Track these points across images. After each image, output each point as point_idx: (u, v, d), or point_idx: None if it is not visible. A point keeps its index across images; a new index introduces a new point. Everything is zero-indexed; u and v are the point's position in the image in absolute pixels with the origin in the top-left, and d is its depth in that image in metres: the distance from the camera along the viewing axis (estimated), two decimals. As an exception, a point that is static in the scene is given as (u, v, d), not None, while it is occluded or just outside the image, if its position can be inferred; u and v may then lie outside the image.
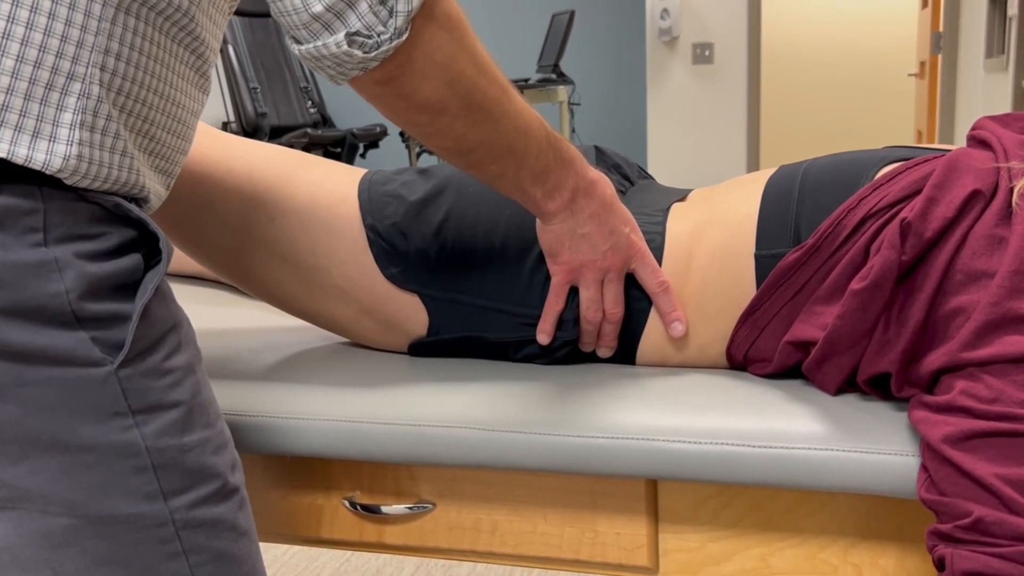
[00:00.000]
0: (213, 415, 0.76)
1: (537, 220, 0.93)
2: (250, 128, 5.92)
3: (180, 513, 0.71)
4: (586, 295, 0.94)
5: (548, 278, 0.95)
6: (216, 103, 6.84)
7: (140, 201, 0.75)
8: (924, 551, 0.84)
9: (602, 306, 0.95)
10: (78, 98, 0.65)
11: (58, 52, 0.64)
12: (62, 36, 0.64)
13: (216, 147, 1.02)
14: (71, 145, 0.65)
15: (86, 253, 0.67)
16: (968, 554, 0.68)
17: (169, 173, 0.79)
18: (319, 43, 0.71)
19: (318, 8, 0.69)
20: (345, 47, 0.71)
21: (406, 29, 0.71)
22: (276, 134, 6.00)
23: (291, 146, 5.62)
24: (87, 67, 0.65)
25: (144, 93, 0.71)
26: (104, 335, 0.67)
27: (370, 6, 0.70)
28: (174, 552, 0.71)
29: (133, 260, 0.70)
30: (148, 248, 0.72)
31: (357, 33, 0.70)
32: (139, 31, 0.69)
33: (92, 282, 0.66)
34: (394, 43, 0.71)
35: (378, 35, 0.71)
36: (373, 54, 0.71)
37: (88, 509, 0.68)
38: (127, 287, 0.70)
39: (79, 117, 0.65)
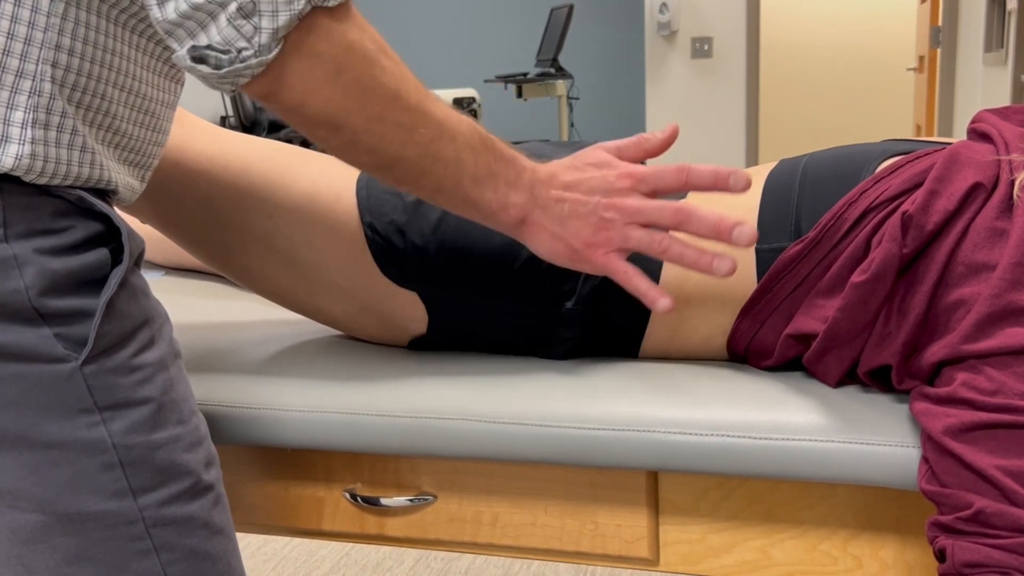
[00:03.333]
0: (187, 412, 0.75)
1: (521, 238, 0.86)
2: (248, 122, 5.92)
3: (150, 511, 0.71)
4: (640, 243, 0.83)
5: (545, 273, 0.94)
6: (214, 97, 6.82)
7: (108, 194, 0.74)
8: (924, 542, 0.84)
9: (661, 231, 0.83)
10: (29, 96, 0.64)
11: (5, 50, 0.63)
12: (8, 33, 0.63)
13: (213, 143, 1.02)
14: (23, 144, 0.64)
15: (48, 248, 0.66)
16: (969, 545, 0.68)
17: (143, 165, 0.78)
18: (178, 53, 0.66)
19: (173, 17, 0.64)
20: (188, 62, 0.65)
21: (275, 45, 0.65)
22: (274, 128, 5.99)
23: (289, 140, 5.62)
24: (37, 64, 0.64)
25: (103, 87, 0.70)
26: (68, 331, 0.67)
27: (229, 20, 0.64)
28: (145, 550, 0.71)
29: (99, 255, 0.69)
30: (116, 242, 0.72)
31: (210, 47, 0.65)
32: (92, 25, 0.68)
33: (54, 278, 0.66)
34: (260, 59, 0.65)
35: (238, 51, 0.65)
36: (225, 70, 0.65)
37: (57, 506, 0.68)
38: (93, 283, 0.69)
39: (31, 115, 0.64)
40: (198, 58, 0.65)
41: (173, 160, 1.01)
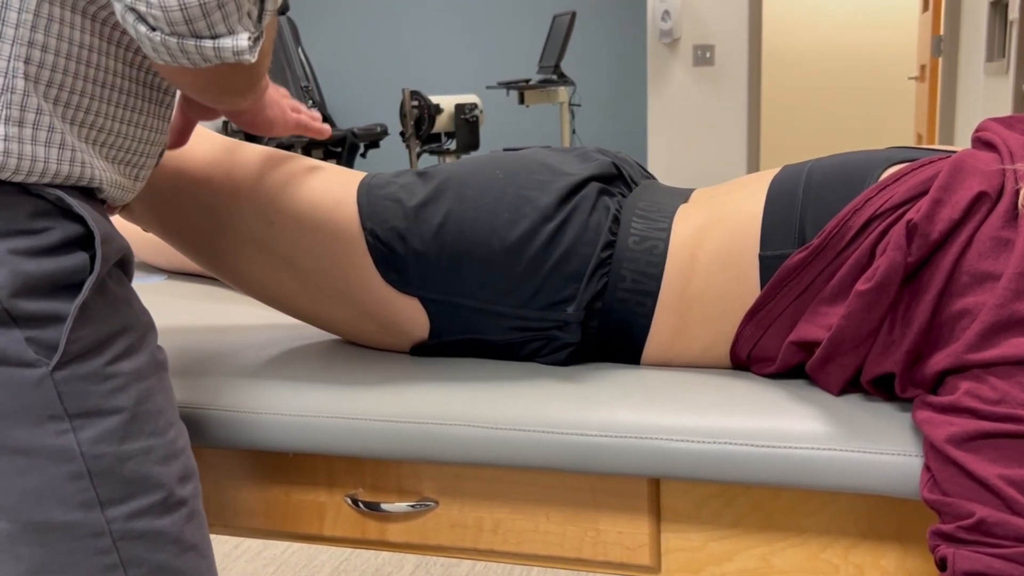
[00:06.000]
0: (163, 424, 0.74)
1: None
2: (250, 127, 5.91)
3: (118, 523, 0.70)
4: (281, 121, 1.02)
5: (545, 279, 0.94)
6: (217, 102, 6.83)
7: (94, 193, 0.73)
8: (925, 551, 0.84)
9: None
10: (1, 93, 0.64)
11: None
12: None
13: (214, 151, 1.02)
14: None
15: (23, 249, 0.65)
16: (970, 554, 0.68)
17: (133, 163, 0.77)
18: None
19: None
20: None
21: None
22: (276, 133, 5.98)
23: (291, 146, 5.61)
24: (9, 61, 0.64)
25: (81, 84, 0.69)
26: (40, 335, 0.66)
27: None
28: (111, 564, 0.70)
29: (77, 259, 0.68)
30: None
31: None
32: (68, 21, 0.67)
33: (27, 280, 0.65)
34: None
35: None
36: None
37: (22, 515, 0.67)
38: (70, 287, 0.68)
39: (4, 112, 0.64)
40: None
41: (175, 168, 1.01)
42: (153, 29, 0.63)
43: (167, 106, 0.81)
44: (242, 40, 0.65)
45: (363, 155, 6.43)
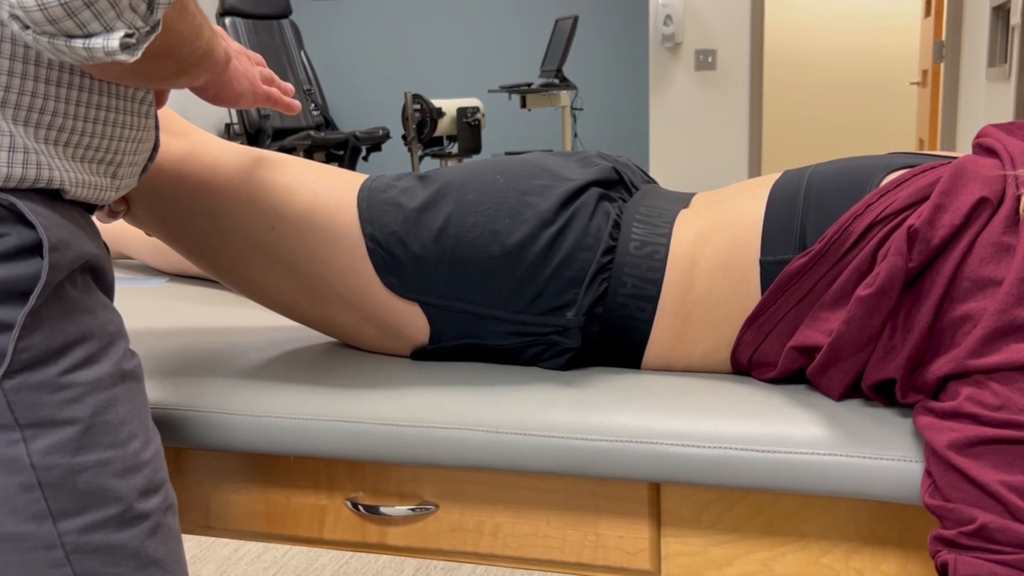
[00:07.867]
0: (124, 436, 0.72)
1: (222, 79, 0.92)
2: (253, 130, 5.93)
3: (71, 536, 0.68)
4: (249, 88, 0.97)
5: (545, 283, 0.94)
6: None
7: (59, 193, 0.71)
8: (926, 557, 0.84)
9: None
10: None
11: None
12: None
13: (216, 156, 1.02)
14: None
15: None
16: (971, 560, 0.68)
17: (109, 162, 0.76)
18: None
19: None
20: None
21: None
22: (279, 136, 6.00)
23: (293, 148, 5.62)
24: None
25: (32, 84, 0.67)
26: None
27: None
28: None
29: (33, 266, 0.66)
30: (58, 252, 0.68)
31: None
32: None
33: None
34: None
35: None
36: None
37: None
38: (24, 294, 0.66)
39: None
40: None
41: (177, 173, 1.01)
42: (26, 27, 0.60)
43: (140, 100, 0.79)
44: (113, 40, 0.60)
45: (365, 158, 6.44)
